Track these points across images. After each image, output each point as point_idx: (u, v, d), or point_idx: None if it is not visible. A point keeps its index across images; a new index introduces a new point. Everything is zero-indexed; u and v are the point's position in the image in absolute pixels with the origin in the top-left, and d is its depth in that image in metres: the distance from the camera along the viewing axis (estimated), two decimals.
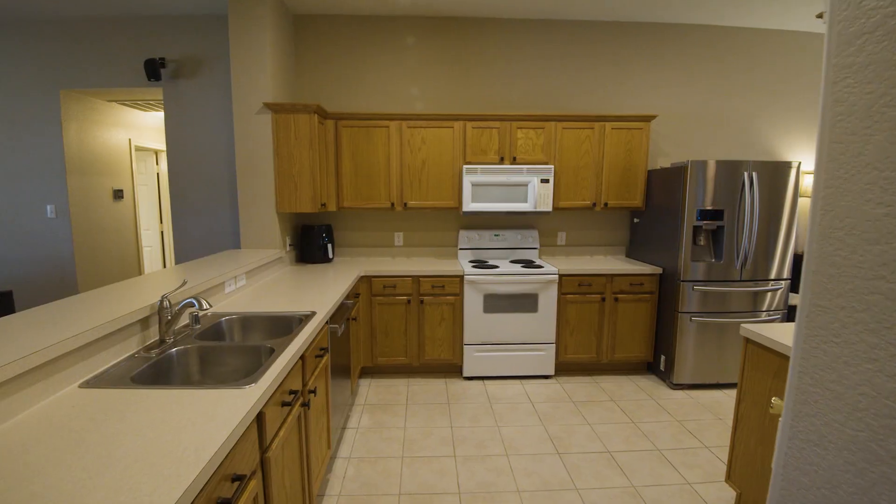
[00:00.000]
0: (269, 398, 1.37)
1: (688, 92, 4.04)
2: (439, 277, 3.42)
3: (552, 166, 3.60)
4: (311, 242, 3.68)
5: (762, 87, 4.12)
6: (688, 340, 3.40)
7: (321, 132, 3.43)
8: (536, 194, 3.60)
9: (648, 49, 3.97)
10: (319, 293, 2.59)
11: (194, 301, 1.66)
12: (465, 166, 3.54)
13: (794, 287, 4.23)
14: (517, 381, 3.53)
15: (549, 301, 3.49)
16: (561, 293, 3.53)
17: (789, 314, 3.96)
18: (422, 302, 3.43)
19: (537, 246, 3.98)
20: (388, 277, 3.41)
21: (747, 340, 2.05)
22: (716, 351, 3.42)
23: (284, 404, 1.50)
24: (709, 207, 3.29)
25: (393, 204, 3.63)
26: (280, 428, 1.49)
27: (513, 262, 3.81)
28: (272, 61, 3.31)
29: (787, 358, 1.82)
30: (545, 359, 3.56)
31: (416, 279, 3.43)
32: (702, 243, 3.43)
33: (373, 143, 3.57)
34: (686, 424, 2.93)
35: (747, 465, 2.05)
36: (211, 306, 1.67)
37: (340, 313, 2.62)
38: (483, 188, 3.58)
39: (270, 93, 3.28)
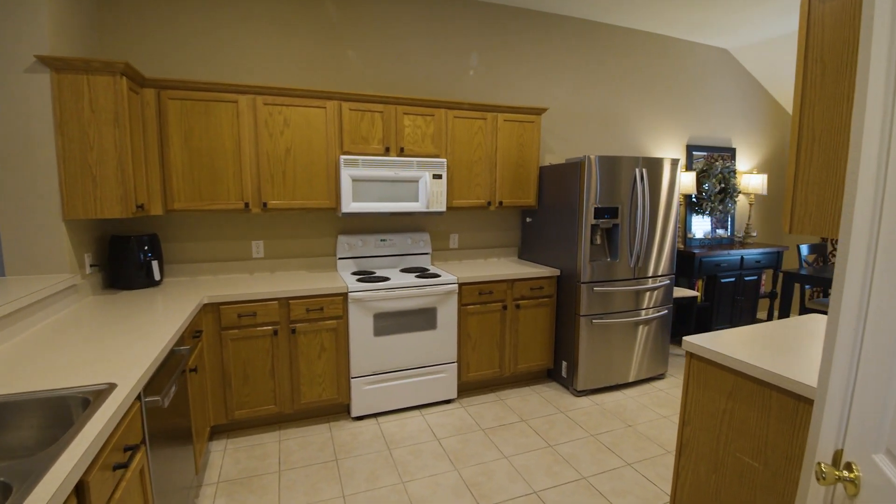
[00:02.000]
0: None
1: (569, 88, 3.93)
2: (316, 297, 2.71)
3: (445, 160, 3.13)
4: (125, 260, 2.64)
5: (636, 87, 4.22)
6: (589, 344, 3.24)
7: (135, 104, 2.44)
8: (429, 192, 3.10)
9: (536, 39, 3.75)
10: (132, 341, 1.71)
11: None
12: (342, 157, 2.87)
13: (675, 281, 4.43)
14: (417, 413, 2.99)
15: (448, 315, 3.02)
16: (461, 304, 3.09)
17: (675, 309, 4.12)
18: (294, 331, 2.68)
19: (429, 251, 3.49)
20: (244, 303, 2.58)
21: (691, 356, 1.81)
22: (614, 352, 3.33)
23: None
24: (604, 205, 3.16)
25: (248, 204, 2.78)
26: None
27: (404, 271, 3.26)
28: None
29: (744, 376, 1.60)
30: (447, 381, 3.08)
31: (285, 302, 2.66)
32: (598, 242, 3.30)
33: (216, 122, 2.68)
34: (601, 438, 2.72)
35: (697, 495, 1.82)
36: None
37: (167, 372, 1.77)
38: (366, 184, 2.95)
39: (49, 43, 2.20)
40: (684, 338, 1.83)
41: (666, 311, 3.51)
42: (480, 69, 3.59)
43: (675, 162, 3.36)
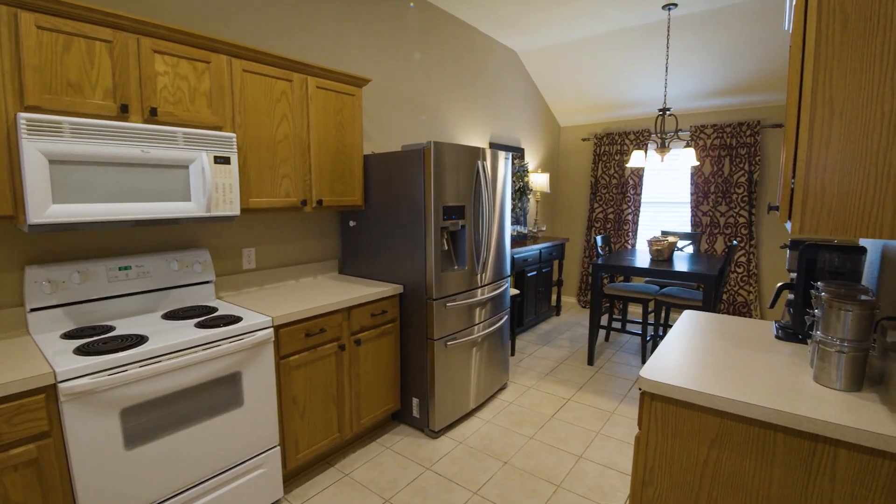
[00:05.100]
0: None
1: (379, 61, 3.23)
2: None
3: (234, 135, 2.02)
4: None
5: (446, 75, 3.83)
6: (444, 372, 2.66)
7: None
8: (209, 184, 1.93)
9: None
10: None
11: None
12: (22, 117, 1.46)
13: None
14: None
15: (261, 378, 1.95)
16: (281, 357, 2.05)
17: (512, 311, 3.90)
18: None
19: (211, 277, 2.27)
20: None
21: (652, 398, 1.39)
22: (466, 375, 2.85)
23: None
24: (451, 203, 2.62)
25: None
26: None
27: (169, 316, 1.99)
28: None
29: (735, 418, 1.25)
30: (267, 478, 2.01)
31: None
32: (445, 248, 2.73)
33: None
34: (486, 494, 2.17)
35: None
36: None
37: None
38: (82, 170, 1.60)
39: None
40: (641, 375, 1.40)
41: (507, 317, 3.23)
42: (279, 12, 2.54)
43: (507, 156, 3.08)
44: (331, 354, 2.27)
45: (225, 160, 2.00)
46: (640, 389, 1.41)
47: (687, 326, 1.87)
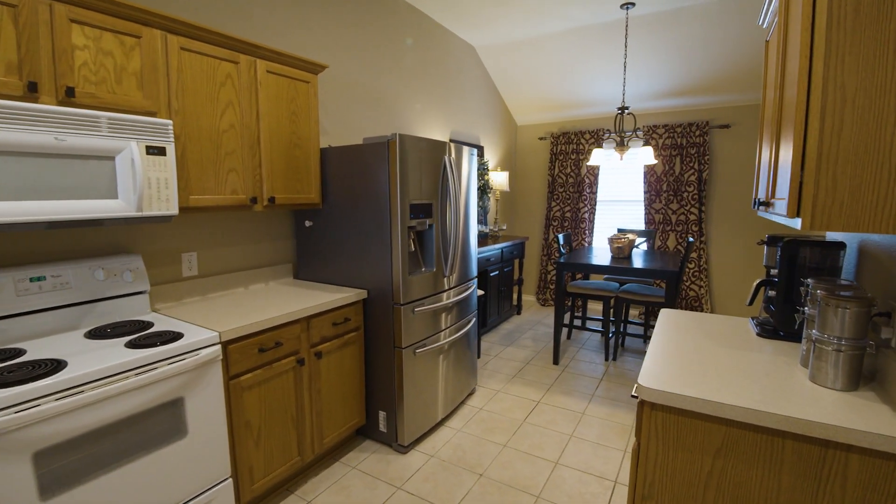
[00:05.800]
0: None
1: (337, 48, 3.01)
2: None
3: (170, 122, 1.75)
4: None
5: (405, 68, 3.65)
6: (413, 382, 2.50)
7: None
8: (140, 179, 1.66)
9: None
10: None
11: None
12: None
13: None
14: None
15: (208, 403, 1.70)
16: (230, 377, 1.80)
17: (479, 315, 3.77)
18: None
19: (145, 287, 1.97)
20: None
21: (653, 407, 1.30)
22: (435, 383, 2.69)
23: None
24: (419, 201, 2.45)
25: None
26: None
27: (93, 334, 1.69)
28: None
29: (741, 426, 1.18)
30: None
31: None
32: (412, 249, 2.56)
33: None
34: None
35: None
36: None
37: None
38: None
39: None
40: (640, 384, 1.31)
41: (475, 319, 3.11)
42: None
43: (472, 152, 2.96)
44: (288, 370, 2.03)
45: (159, 151, 1.73)
46: (634, 396, 1.32)
47: (668, 327, 1.82)
